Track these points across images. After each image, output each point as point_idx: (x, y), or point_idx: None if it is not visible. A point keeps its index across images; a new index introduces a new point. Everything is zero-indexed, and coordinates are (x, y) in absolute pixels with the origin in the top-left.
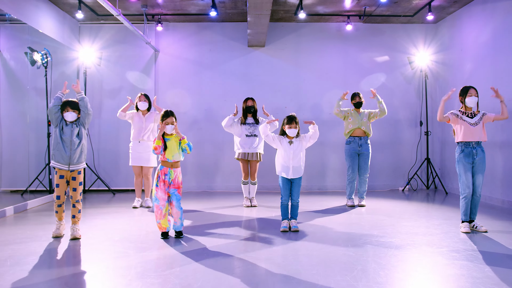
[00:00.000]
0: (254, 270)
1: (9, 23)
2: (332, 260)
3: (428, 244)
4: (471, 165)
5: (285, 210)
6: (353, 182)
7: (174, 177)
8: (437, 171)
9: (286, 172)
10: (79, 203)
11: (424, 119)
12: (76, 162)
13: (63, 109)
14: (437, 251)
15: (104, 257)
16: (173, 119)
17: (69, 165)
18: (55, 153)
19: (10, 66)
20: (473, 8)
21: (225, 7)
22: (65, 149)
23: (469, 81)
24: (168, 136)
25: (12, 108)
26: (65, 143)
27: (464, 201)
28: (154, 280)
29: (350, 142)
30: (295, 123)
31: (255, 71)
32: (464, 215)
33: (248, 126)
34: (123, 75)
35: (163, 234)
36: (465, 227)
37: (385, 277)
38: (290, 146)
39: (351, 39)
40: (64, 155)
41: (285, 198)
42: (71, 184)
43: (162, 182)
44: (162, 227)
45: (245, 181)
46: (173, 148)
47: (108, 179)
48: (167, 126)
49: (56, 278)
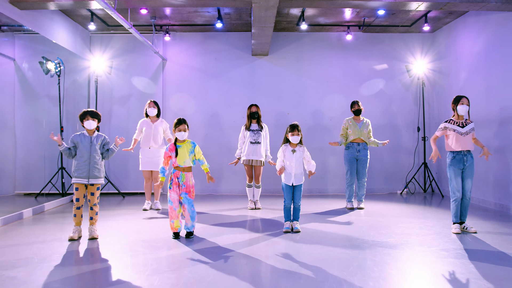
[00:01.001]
0: (260, 266)
1: (24, 33)
2: (330, 257)
3: (421, 243)
4: (460, 171)
5: (287, 212)
6: (351, 185)
7: (185, 180)
8: (434, 175)
9: (288, 179)
10: (96, 206)
11: (421, 125)
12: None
13: (83, 118)
14: (428, 250)
15: (120, 255)
16: (185, 126)
17: (88, 179)
18: (74, 169)
19: (24, 75)
20: (467, 19)
21: (230, 18)
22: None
23: (463, 89)
24: (180, 143)
25: (26, 115)
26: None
27: (454, 204)
28: (169, 275)
29: (349, 147)
30: (297, 131)
31: (258, 79)
32: (454, 217)
33: (252, 133)
34: (132, 83)
35: (174, 234)
36: (456, 228)
37: (378, 272)
38: (293, 155)
39: (351, 48)
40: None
41: (287, 201)
42: (89, 189)
43: (175, 184)
44: (174, 227)
45: (250, 184)
46: (184, 154)
47: (118, 182)
48: (179, 132)
49: (81, 274)
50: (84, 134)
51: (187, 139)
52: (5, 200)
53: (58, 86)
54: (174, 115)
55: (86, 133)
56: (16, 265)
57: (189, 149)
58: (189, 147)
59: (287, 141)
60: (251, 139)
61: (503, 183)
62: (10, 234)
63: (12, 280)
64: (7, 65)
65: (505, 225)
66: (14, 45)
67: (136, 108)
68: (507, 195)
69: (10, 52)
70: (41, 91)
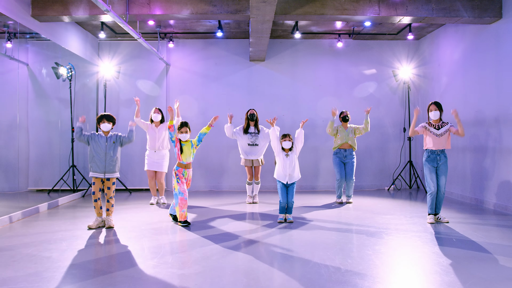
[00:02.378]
0: (256, 248)
1: (37, 40)
2: (317, 242)
3: (397, 231)
4: (435, 168)
5: (282, 208)
6: (341, 186)
7: (187, 175)
8: (419, 173)
9: (283, 178)
10: (112, 199)
11: (407, 126)
12: (111, 171)
13: (100, 121)
14: (403, 235)
15: (136, 240)
16: (187, 128)
17: (105, 173)
18: (92, 165)
19: (37, 79)
20: (447, 29)
21: (229, 27)
22: (100, 160)
23: (445, 92)
24: (183, 142)
25: (38, 116)
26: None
27: (430, 197)
28: (180, 255)
29: (337, 153)
30: (289, 137)
31: (256, 83)
32: (430, 208)
33: (250, 136)
34: (138, 86)
35: (185, 222)
36: (430, 218)
37: (357, 253)
38: (287, 158)
39: (342, 54)
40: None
41: (283, 200)
42: (105, 183)
43: (182, 178)
44: (185, 215)
45: (250, 182)
46: (188, 151)
47: (124, 179)
48: (182, 134)
49: (105, 256)
50: (101, 135)
51: (188, 139)
52: (20, 196)
53: (69, 90)
54: None
55: (102, 134)
56: (48, 248)
57: (191, 146)
58: (190, 145)
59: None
60: (249, 141)
61: (478, 180)
62: (33, 225)
63: (49, 259)
64: (20, 69)
65: (475, 217)
66: (28, 51)
67: (142, 109)
68: (481, 190)
69: (24, 57)
70: (53, 94)
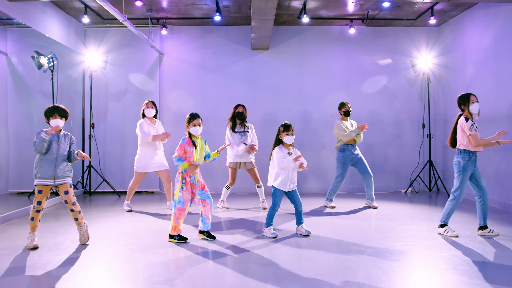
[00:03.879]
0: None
1: (16, 27)
2: (335, 265)
3: (430, 248)
4: (472, 172)
5: (272, 217)
6: (338, 189)
7: (198, 178)
8: (440, 174)
9: (284, 184)
10: (76, 205)
11: (426, 122)
12: (63, 177)
13: (51, 115)
14: (438, 256)
15: (109, 260)
16: (199, 120)
17: (55, 180)
18: (38, 170)
19: (17, 70)
20: (475, 12)
21: (229, 11)
22: (49, 164)
23: (471, 84)
24: (194, 138)
25: (19, 111)
26: (49, 159)
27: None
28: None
29: (344, 150)
30: (292, 130)
31: (258, 74)
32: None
33: (239, 135)
34: (128, 78)
35: (179, 237)
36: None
37: (387, 283)
38: (289, 157)
39: (354, 42)
40: (49, 169)
41: (277, 207)
42: (60, 190)
43: (188, 184)
44: (179, 228)
45: (230, 187)
46: (200, 150)
47: (114, 180)
48: (194, 127)
49: None
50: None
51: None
52: None
53: (51, 82)
54: (171, 111)
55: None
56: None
57: (203, 145)
58: (202, 143)
59: (279, 143)
60: (238, 141)
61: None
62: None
63: None
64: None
65: None
66: (6, 39)
67: (132, 104)
68: None
69: (2, 47)
70: (34, 87)
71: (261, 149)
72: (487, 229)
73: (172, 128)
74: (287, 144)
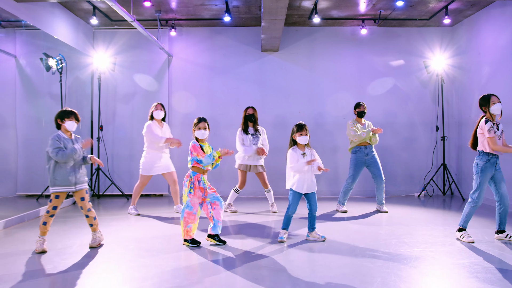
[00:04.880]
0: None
1: (24, 29)
2: (350, 271)
3: (449, 255)
4: (491, 175)
5: (289, 221)
6: (349, 191)
7: (207, 181)
8: (454, 177)
9: (301, 186)
10: (91, 211)
11: (440, 124)
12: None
13: (67, 117)
14: (458, 262)
15: (115, 265)
16: (205, 124)
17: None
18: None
19: (25, 72)
20: (491, 11)
21: (238, 11)
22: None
23: (487, 85)
24: (201, 143)
25: (28, 113)
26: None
27: (473, 209)
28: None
29: (357, 151)
30: (305, 130)
31: (268, 75)
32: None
33: (251, 137)
34: (136, 80)
35: (192, 241)
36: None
37: None
38: (303, 159)
39: (366, 43)
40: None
41: (292, 210)
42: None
43: (197, 188)
44: (192, 232)
45: (239, 190)
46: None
47: (122, 183)
48: (199, 131)
49: None
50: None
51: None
52: (7, 202)
53: (60, 84)
54: (180, 114)
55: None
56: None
57: (211, 148)
58: (209, 149)
59: (294, 143)
60: (249, 143)
61: None
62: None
63: None
64: (8, 62)
65: None
66: (16, 42)
67: (141, 106)
68: None
69: (11, 49)
70: (43, 89)
71: (271, 153)
72: (504, 233)
73: (180, 131)
74: (302, 145)
